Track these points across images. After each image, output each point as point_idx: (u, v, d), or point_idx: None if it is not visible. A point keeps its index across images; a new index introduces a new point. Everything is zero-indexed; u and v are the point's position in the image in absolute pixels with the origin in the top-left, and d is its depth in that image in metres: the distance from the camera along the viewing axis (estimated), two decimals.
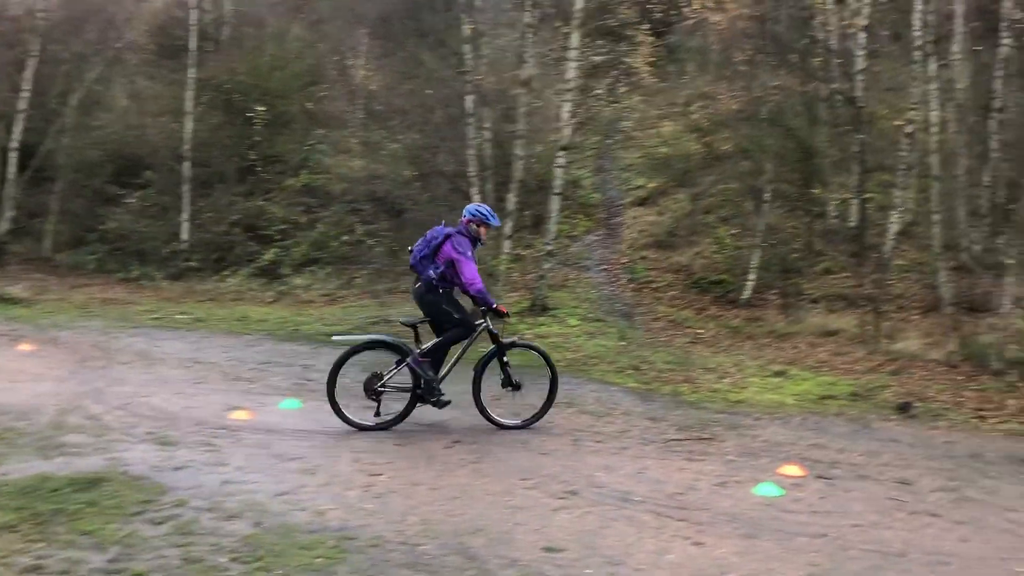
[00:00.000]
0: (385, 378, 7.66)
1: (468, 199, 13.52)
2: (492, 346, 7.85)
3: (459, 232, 7.67)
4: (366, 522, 5.46)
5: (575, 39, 13.67)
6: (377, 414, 7.64)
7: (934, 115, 13.32)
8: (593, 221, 17.54)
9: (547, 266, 13.98)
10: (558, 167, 13.91)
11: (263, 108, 18.36)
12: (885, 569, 5.08)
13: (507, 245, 14.13)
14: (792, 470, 6.86)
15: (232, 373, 9.88)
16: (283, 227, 17.38)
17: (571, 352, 11.56)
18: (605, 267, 15.87)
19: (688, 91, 19.71)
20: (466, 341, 7.82)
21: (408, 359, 7.63)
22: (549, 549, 5.15)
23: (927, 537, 5.61)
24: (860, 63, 14.20)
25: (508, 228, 14.05)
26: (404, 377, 7.70)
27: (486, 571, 4.83)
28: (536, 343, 8.24)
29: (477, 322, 7.79)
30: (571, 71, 13.82)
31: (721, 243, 15.51)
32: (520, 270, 15.38)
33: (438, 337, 7.75)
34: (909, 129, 13.24)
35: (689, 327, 13.21)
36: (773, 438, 7.96)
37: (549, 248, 14.05)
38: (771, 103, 15.13)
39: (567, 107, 13.85)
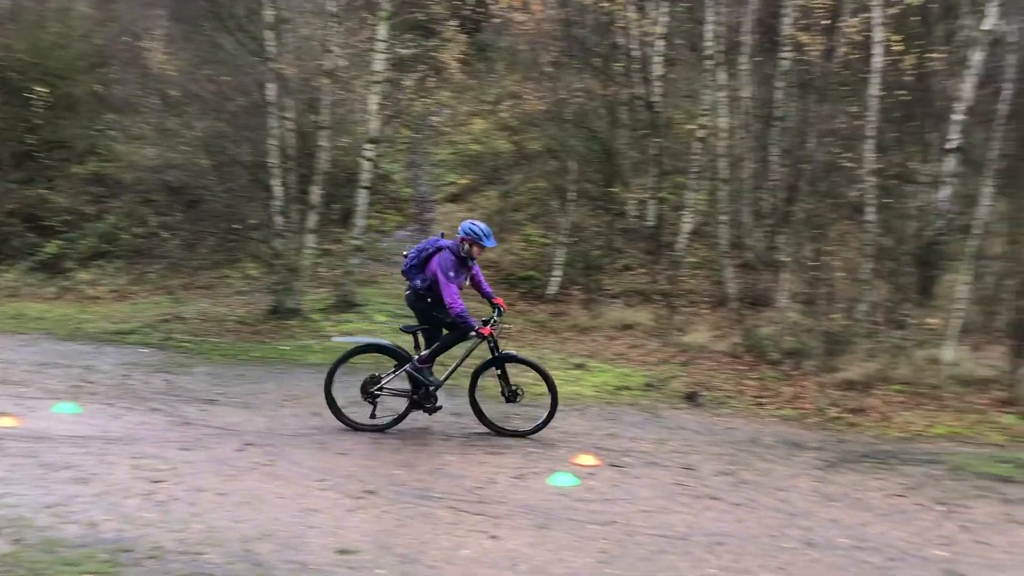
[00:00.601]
0: (383, 382, 7.67)
1: (268, 190, 13.06)
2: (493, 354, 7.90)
3: (449, 248, 7.59)
4: (144, 532, 5.12)
5: (383, 31, 13.50)
6: (373, 416, 7.67)
7: (723, 122, 14.22)
8: (404, 216, 17.40)
9: (354, 261, 13.73)
10: (366, 160, 13.69)
11: (44, 89, 16.98)
12: (668, 552, 5.32)
13: (311, 239, 13.75)
14: (587, 459, 7.08)
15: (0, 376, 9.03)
16: (68, 218, 16.23)
17: None
18: None
19: (497, 90, 19.95)
20: (464, 350, 7.79)
21: (407, 365, 7.62)
22: (342, 551, 5.03)
23: (707, 519, 5.93)
24: (658, 70, 14.92)
25: (312, 222, 13.68)
26: (401, 382, 7.72)
27: None
28: (532, 359, 8.26)
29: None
30: (379, 63, 13.64)
31: (529, 240, 15.82)
32: (328, 265, 15.02)
33: (430, 345, 7.72)
34: (701, 134, 14.07)
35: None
36: (571, 429, 8.19)
37: (357, 243, 13.79)
38: (575, 105, 15.57)
39: (375, 99, 13.66)
